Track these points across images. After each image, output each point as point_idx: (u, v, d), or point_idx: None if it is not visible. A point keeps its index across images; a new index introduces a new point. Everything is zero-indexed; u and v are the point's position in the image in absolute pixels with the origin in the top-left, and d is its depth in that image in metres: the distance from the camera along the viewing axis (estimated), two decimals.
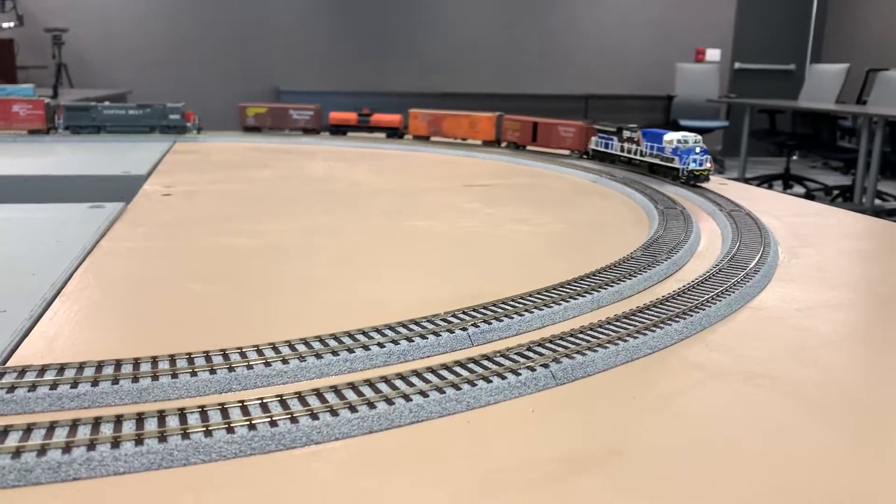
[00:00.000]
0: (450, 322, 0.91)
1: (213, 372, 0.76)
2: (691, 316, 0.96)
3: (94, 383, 0.72)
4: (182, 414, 0.67)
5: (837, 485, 0.61)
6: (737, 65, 9.81)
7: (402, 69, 8.06)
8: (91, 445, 0.61)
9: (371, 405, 0.70)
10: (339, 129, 3.00)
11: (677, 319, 0.94)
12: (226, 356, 0.79)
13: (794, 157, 8.67)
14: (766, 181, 8.05)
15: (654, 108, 8.85)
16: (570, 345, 0.84)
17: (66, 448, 0.61)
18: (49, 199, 1.73)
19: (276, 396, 0.70)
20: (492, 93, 7.88)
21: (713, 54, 9.49)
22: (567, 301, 0.99)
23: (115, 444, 0.62)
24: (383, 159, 2.60)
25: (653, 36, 9.12)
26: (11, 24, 6.26)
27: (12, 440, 0.62)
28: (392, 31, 8.05)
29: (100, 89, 5.97)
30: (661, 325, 0.92)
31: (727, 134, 9.19)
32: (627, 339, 0.87)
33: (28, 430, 0.64)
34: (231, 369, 0.76)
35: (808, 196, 7.36)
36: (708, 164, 1.86)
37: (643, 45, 9.09)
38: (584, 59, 8.80)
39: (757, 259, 1.20)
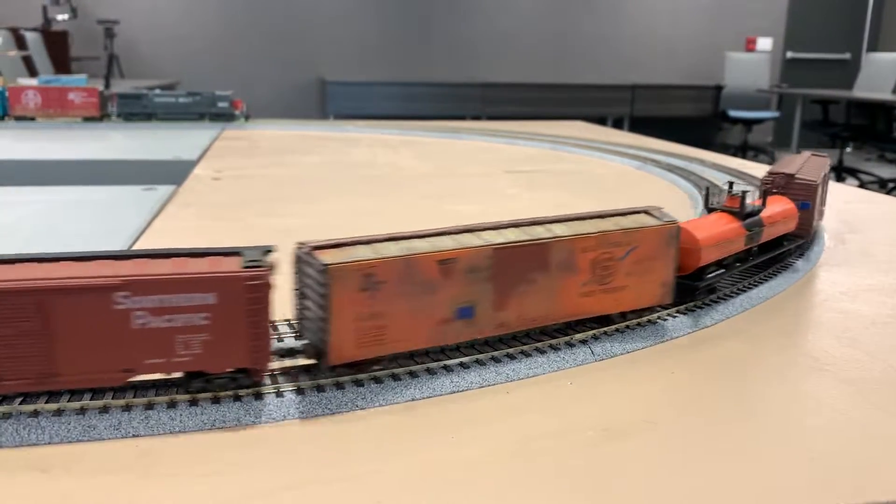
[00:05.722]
0: None
1: None
2: (733, 298, 0.96)
3: None
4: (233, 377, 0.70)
5: (870, 457, 0.61)
6: (789, 54, 9.57)
7: (446, 59, 8.06)
8: (149, 405, 0.65)
9: (413, 374, 0.72)
10: None
11: (718, 301, 0.94)
12: (274, 328, 0.82)
13: (848, 149, 8.43)
14: None
15: (702, 98, 8.68)
16: (610, 324, 0.85)
17: (126, 407, 0.65)
18: (104, 182, 1.79)
19: None
20: (537, 83, 7.83)
21: (764, 43, 9.27)
22: None
23: (171, 404, 0.65)
24: (426, 146, 2.62)
25: (702, 24, 8.95)
26: (66, 17, 6.45)
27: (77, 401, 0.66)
28: (437, 20, 8.06)
29: (150, 79, 6.11)
30: (701, 305, 0.92)
31: (778, 125, 8.98)
32: (667, 318, 0.88)
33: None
34: (280, 339, 0.79)
35: (862, 188, 7.15)
36: None
37: (692, 34, 8.93)
38: (632, 46, 8.68)
39: (801, 244, 1.19)
